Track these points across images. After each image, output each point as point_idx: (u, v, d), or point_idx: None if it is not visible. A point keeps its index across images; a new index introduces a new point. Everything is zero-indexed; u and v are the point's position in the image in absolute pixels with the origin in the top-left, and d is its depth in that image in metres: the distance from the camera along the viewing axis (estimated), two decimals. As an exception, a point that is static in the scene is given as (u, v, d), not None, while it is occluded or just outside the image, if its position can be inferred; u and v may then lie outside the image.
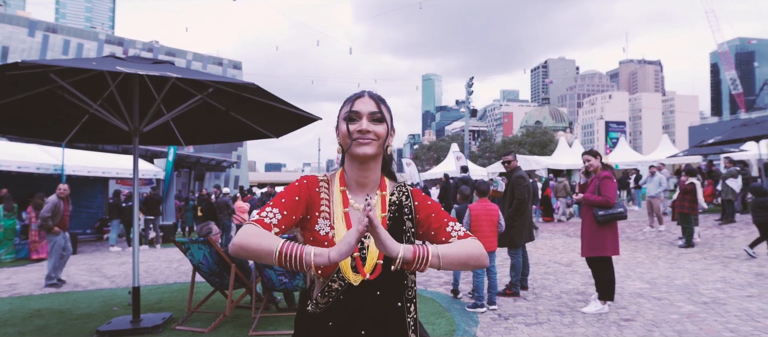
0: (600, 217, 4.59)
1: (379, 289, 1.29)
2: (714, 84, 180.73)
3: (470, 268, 1.30)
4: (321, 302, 1.31)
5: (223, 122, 5.67)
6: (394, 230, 1.34)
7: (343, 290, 1.28)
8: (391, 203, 1.38)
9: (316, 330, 1.33)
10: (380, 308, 1.29)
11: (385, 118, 1.34)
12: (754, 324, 4.12)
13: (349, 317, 1.29)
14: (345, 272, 1.26)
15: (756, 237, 7.44)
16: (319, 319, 1.32)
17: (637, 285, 5.82)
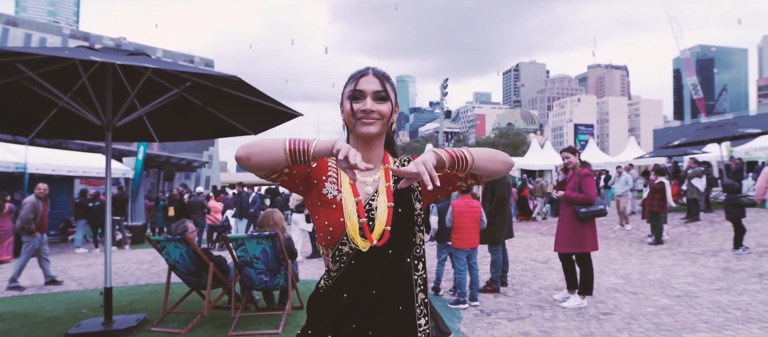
0: (582, 214, 4.67)
1: (390, 248, 1.29)
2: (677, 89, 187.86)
3: (499, 164, 1.32)
4: (333, 270, 1.31)
5: (199, 118, 5.51)
6: (401, 194, 1.35)
7: (353, 253, 1.28)
8: (393, 174, 1.38)
9: (330, 306, 1.32)
10: (389, 266, 1.29)
11: (389, 97, 1.34)
12: (725, 315, 4.26)
13: (360, 281, 1.29)
14: (353, 238, 1.26)
15: (733, 236, 7.64)
16: (332, 293, 1.32)
17: (613, 281, 5.96)
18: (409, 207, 1.35)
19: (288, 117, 5.23)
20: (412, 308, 1.31)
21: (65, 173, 12.65)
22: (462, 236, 4.99)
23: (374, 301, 1.29)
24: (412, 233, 1.33)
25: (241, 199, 12.46)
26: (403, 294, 1.31)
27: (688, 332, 3.82)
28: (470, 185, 1.40)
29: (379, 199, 1.32)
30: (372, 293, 1.28)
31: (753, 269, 6.26)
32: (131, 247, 12.03)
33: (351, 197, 1.31)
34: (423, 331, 1.31)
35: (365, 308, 1.28)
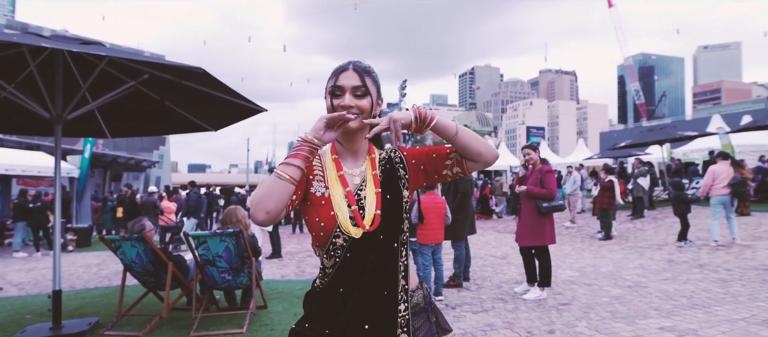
0: (544, 208, 4.83)
1: (381, 233, 1.31)
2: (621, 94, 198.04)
3: (483, 145, 1.36)
4: (328, 267, 1.32)
5: (156, 113, 5.29)
6: (387, 179, 1.37)
7: (347, 245, 1.29)
8: (380, 160, 1.42)
9: (326, 302, 1.33)
10: (381, 252, 1.31)
11: (368, 92, 1.34)
12: (672, 302, 4.54)
13: (355, 273, 1.29)
14: (345, 227, 1.28)
15: (679, 230, 8.20)
16: (328, 290, 1.33)
17: (569, 274, 6.21)
18: (397, 194, 1.37)
19: (251, 112, 5.10)
20: (395, 293, 1.32)
21: (2, 171, 11.81)
22: (428, 232, 5.05)
23: (368, 289, 1.29)
24: (401, 219, 1.35)
25: (188, 198, 12.08)
26: (388, 280, 1.32)
27: (640, 319, 4.04)
28: (456, 174, 1.42)
29: (367, 187, 1.35)
30: (368, 280, 1.29)
31: (694, 260, 6.70)
32: (76, 250, 11.37)
33: (339, 188, 1.33)
34: (402, 317, 1.33)
35: (360, 298, 1.29)
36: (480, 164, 1.39)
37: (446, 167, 1.40)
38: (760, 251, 6.86)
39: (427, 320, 1.43)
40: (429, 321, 1.43)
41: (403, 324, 1.33)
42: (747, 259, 6.45)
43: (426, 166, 1.41)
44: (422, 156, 1.43)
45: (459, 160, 1.38)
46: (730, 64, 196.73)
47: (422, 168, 1.41)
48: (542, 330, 3.87)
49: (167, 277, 4.41)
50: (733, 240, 7.63)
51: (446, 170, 1.40)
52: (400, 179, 1.39)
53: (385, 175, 1.39)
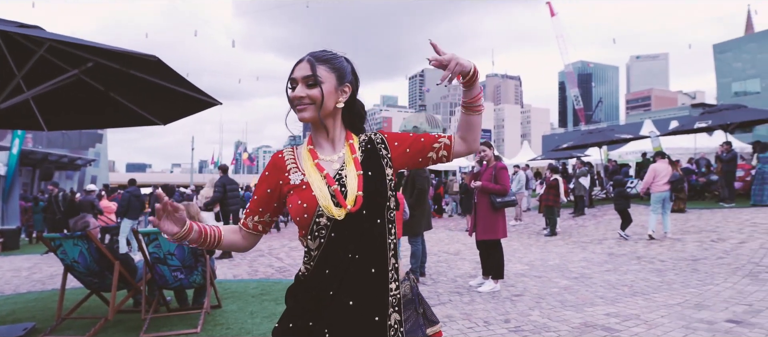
0: (498, 203, 5.00)
1: (364, 209, 1.31)
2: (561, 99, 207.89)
3: (478, 133, 1.44)
4: (313, 249, 1.31)
5: (98, 105, 4.98)
6: (370, 160, 1.39)
7: (331, 225, 1.29)
8: (361, 143, 1.43)
9: (312, 290, 1.32)
10: (365, 228, 1.31)
11: (318, 82, 1.34)
12: (615, 291, 4.83)
13: (340, 253, 1.29)
14: (327, 207, 1.28)
15: (620, 223, 8.79)
16: (314, 274, 1.32)
17: (519, 267, 6.45)
18: (380, 171, 1.38)
19: (205, 105, 4.92)
20: (385, 271, 1.32)
21: None
22: (385, 227, 5.08)
23: (355, 268, 1.29)
24: (385, 196, 1.35)
25: (122, 197, 11.50)
26: (376, 257, 1.32)
27: (588, 307, 4.27)
28: (441, 158, 1.44)
29: (347, 169, 1.35)
30: (356, 258, 1.29)
31: (632, 253, 7.16)
32: (3, 253, 10.52)
33: (316, 173, 1.35)
34: (393, 295, 1.33)
35: (347, 278, 1.29)
36: (466, 152, 1.43)
37: (433, 150, 1.42)
38: (688, 243, 7.43)
39: (415, 312, 1.44)
40: (416, 313, 1.44)
41: (394, 303, 1.33)
42: (678, 251, 6.96)
43: (411, 149, 1.43)
44: (407, 139, 1.45)
45: (448, 145, 1.41)
46: (659, 74, 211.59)
47: (407, 151, 1.43)
48: (498, 320, 4.00)
49: (113, 277, 4.18)
50: (665, 234, 8.21)
51: (432, 152, 1.42)
52: (383, 158, 1.40)
53: (366, 154, 1.40)
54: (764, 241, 6.83)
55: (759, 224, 8.23)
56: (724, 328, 3.49)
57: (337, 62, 1.41)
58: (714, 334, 3.37)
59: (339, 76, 1.39)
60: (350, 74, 1.43)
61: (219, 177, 9.34)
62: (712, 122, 13.95)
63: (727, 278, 5.10)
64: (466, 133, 1.42)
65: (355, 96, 1.46)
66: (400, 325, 1.34)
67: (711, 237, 7.67)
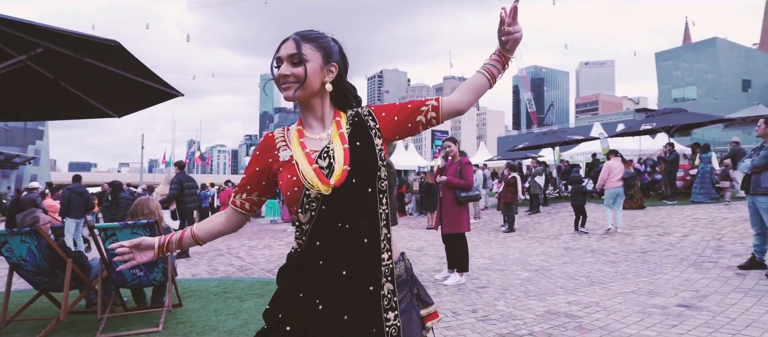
0: (462, 198, 5.09)
1: (353, 177, 1.31)
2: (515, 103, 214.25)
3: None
4: (304, 222, 1.32)
5: (46, 95, 4.68)
6: (358, 132, 1.39)
7: (322, 198, 1.29)
8: (348, 118, 1.44)
9: (304, 265, 1.32)
10: (355, 196, 1.31)
11: (303, 60, 1.35)
12: (574, 281, 5.04)
13: (332, 224, 1.30)
14: (313, 182, 1.29)
15: (575, 219, 9.23)
16: (307, 248, 1.32)
17: (482, 261, 6.60)
18: (368, 141, 1.38)
19: (165, 97, 4.71)
20: (377, 241, 1.32)
21: None
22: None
23: (347, 238, 1.29)
24: (375, 165, 1.36)
25: (62, 195, 10.90)
26: (368, 227, 1.32)
27: (550, 296, 4.43)
28: (431, 120, 1.44)
29: (334, 143, 1.36)
30: (346, 227, 1.30)
31: (586, 246, 7.48)
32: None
33: (300, 150, 1.36)
34: (386, 265, 1.33)
35: (340, 248, 1.29)
36: (455, 112, 1.45)
37: (421, 113, 1.42)
38: (637, 237, 7.85)
39: (410, 292, 1.43)
40: (411, 293, 1.44)
41: (387, 273, 1.33)
42: (628, 244, 7.34)
43: (399, 116, 1.43)
44: (394, 107, 1.45)
45: (436, 106, 1.42)
46: (606, 80, 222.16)
47: (395, 118, 1.43)
48: (466, 310, 4.08)
49: (65, 276, 3.94)
50: (616, 228, 8.64)
51: (421, 116, 1.42)
52: (371, 129, 1.41)
53: (353, 127, 1.41)
54: (705, 234, 7.31)
55: (699, 219, 8.81)
56: (675, 312, 3.71)
57: (324, 41, 1.41)
58: (667, 317, 3.58)
59: (325, 55, 1.39)
60: (337, 54, 1.44)
61: (175, 174, 9.00)
62: (657, 125, 14.81)
63: (674, 268, 5.43)
64: (467, 94, 1.44)
65: (344, 76, 1.47)
66: (393, 295, 1.34)
67: (657, 231, 8.13)
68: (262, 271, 6.71)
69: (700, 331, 3.24)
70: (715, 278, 4.81)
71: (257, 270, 6.79)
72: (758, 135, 4.97)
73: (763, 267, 4.91)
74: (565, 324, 3.54)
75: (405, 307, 1.39)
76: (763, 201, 4.78)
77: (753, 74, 52.47)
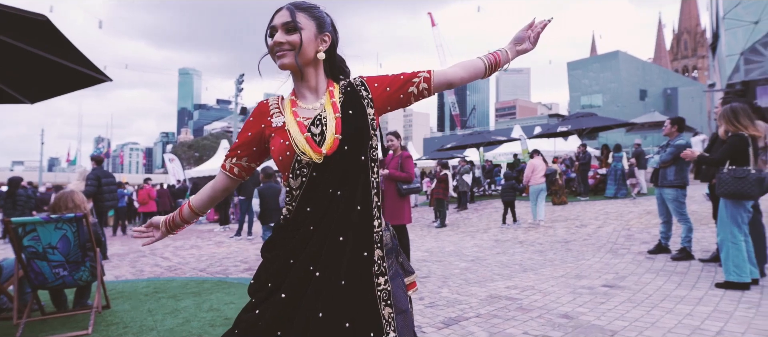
0: (404, 190, 5.20)
1: (345, 145, 1.34)
2: (440, 105, 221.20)
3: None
4: (295, 188, 1.35)
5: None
6: (350, 101, 1.41)
7: (313, 165, 1.32)
8: (341, 87, 1.46)
9: (295, 229, 1.33)
10: (347, 163, 1.34)
11: (299, 27, 1.37)
12: (509, 269, 5.35)
13: (323, 191, 1.32)
14: (305, 150, 1.31)
15: (503, 214, 9.85)
16: (297, 213, 1.34)
17: (420, 254, 6.78)
18: (361, 110, 1.41)
19: (92, 81, 4.34)
20: (369, 208, 1.36)
21: None
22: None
23: (340, 205, 1.32)
24: (367, 133, 1.38)
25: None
26: (361, 195, 1.35)
27: (489, 282, 4.67)
28: (422, 91, 1.46)
29: (326, 113, 1.38)
30: (337, 194, 1.32)
31: (515, 239, 7.95)
32: None
33: (292, 119, 1.37)
34: (376, 233, 1.37)
35: (329, 212, 1.31)
36: (447, 85, 1.50)
37: (413, 84, 1.45)
38: (559, 229, 8.46)
39: (396, 260, 1.47)
40: (397, 262, 1.48)
41: (377, 240, 1.36)
42: (551, 235, 7.90)
43: (391, 87, 1.46)
44: (387, 78, 1.48)
45: (427, 77, 1.45)
46: (523, 86, 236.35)
47: (387, 89, 1.45)
48: (413, 298, 4.17)
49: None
50: (539, 221, 9.26)
51: (413, 87, 1.45)
52: (363, 98, 1.43)
53: (346, 97, 1.42)
54: (616, 226, 8.06)
55: (610, 212, 9.69)
56: (601, 291, 4.08)
57: (316, 12, 1.43)
58: (595, 296, 3.92)
59: (318, 25, 1.41)
60: (330, 25, 1.46)
61: (92, 168, 8.29)
62: (572, 127, 16.09)
63: (594, 254, 5.94)
64: (461, 71, 1.49)
65: (335, 49, 1.48)
66: (383, 261, 1.38)
67: (575, 224, 8.83)
68: (193, 270, 6.39)
69: (625, 306, 3.59)
70: (629, 262, 5.33)
71: (189, 270, 6.46)
72: (665, 134, 5.58)
73: (669, 251, 5.52)
74: (507, 306, 3.75)
75: (392, 274, 1.43)
76: (669, 193, 5.38)
77: (648, 85, 58.60)
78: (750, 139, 3.96)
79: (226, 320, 3.80)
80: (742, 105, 4.11)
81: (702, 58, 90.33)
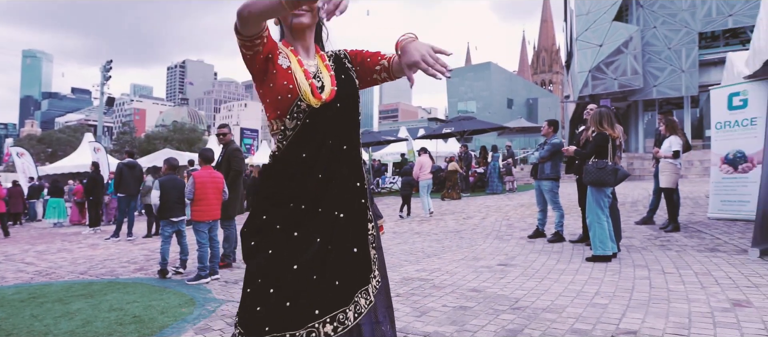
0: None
1: (338, 102, 1.50)
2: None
3: None
4: (289, 128, 1.46)
5: None
6: (339, 68, 1.59)
7: (309, 111, 1.45)
8: (329, 56, 1.62)
9: (289, 166, 1.45)
10: (340, 119, 1.51)
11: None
12: (414, 256, 5.71)
13: (316, 139, 1.46)
14: (306, 95, 1.44)
15: (400, 206, 10.49)
16: (290, 154, 1.45)
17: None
18: (350, 79, 1.59)
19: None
20: (358, 155, 1.56)
21: None
22: (204, 207, 4.79)
23: (333, 152, 1.48)
24: (357, 98, 1.58)
25: None
26: (355, 147, 1.54)
27: (400, 267, 4.96)
28: (384, 79, 1.62)
29: (322, 71, 1.55)
30: (329, 142, 1.47)
31: (411, 230, 8.43)
32: None
33: (298, 66, 1.50)
34: (365, 174, 1.59)
35: (328, 160, 1.47)
36: (402, 75, 1.65)
37: (376, 72, 1.61)
38: (449, 221, 9.17)
39: (373, 207, 1.65)
40: (372, 209, 1.65)
41: (365, 178, 1.57)
42: (443, 226, 8.54)
43: (360, 67, 1.63)
44: (358, 56, 1.64)
45: (387, 67, 1.60)
46: (405, 90, 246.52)
47: (358, 68, 1.63)
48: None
49: None
50: (430, 213, 9.94)
51: (376, 74, 1.62)
52: (350, 69, 1.61)
53: (335, 63, 1.60)
54: (497, 217, 8.99)
55: (490, 206, 10.74)
56: (498, 269, 4.61)
57: None
58: (494, 273, 4.42)
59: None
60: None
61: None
62: (455, 129, 17.42)
63: (484, 240, 6.60)
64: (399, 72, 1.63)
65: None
66: (368, 208, 1.57)
67: (462, 216, 9.64)
68: (71, 274, 5.74)
69: (520, 279, 4.12)
70: (515, 245, 6.04)
71: (65, 274, 5.78)
72: (542, 134, 6.43)
73: (545, 235, 6.36)
74: (421, 285, 4.06)
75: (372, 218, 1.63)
76: (546, 184, 6.21)
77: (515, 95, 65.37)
78: (610, 139, 4.80)
79: (135, 317, 3.54)
80: (608, 110, 4.96)
81: (557, 73, 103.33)
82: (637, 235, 6.12)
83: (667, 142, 6.35)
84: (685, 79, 20.31)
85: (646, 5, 21.26)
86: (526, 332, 2.77)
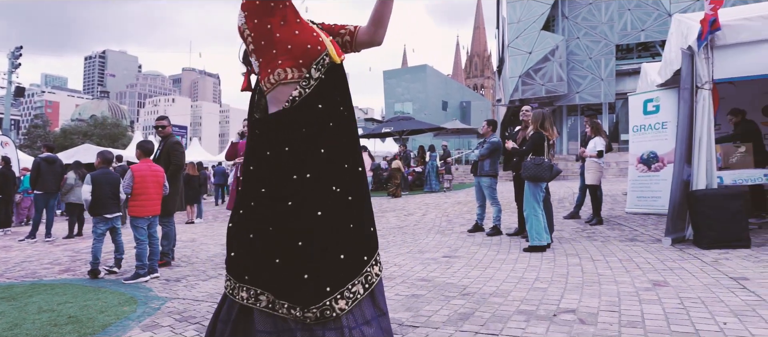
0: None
1: None
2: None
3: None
4: (314, 78, 1.76)
5: None
6: None
7: (329, 66, 1.77)
8: (318, 25, 1.91)
9: (303, 122, 1.77)
10: (345, 80, 1.82)
11: None
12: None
13: (332, 95, 1.83)
14: (331, 52, 1.77)
15: None
16: (312, 101, 1.77)
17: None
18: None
19: None
20: (353, 113, 1.84)
21: None
22: (144, 202, 4.56)
23: (340, 113, 1.76)
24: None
25: None
26: (347, 106, 1.81)
27: (348, 262, 5.00)
28: (345, 45, 1.86)
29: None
30: (337, 99, 1.74)
31: (354, 227, 8.48)
32: None
33: (321, 29, 1.84)
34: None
35: (338, 118, 1.74)
36: (369, 42, 1.84)
37: (340, 35, 1.85)
38: (390, 219, 9.33)
39: None
40: None
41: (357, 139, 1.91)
42: (386, 223, 8.68)
43: (326, 31, 1.88)
44: (327, 25, 1.91)
45: (352, 31, 1.84)
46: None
47: (332, 28, 1.92)
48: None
49: None
50: (372, 213, 10.05)
51: (339, 38, 1.85)
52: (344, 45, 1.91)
53: None
54: (437, 213, 9.29)
55: (429, 204, 11.06)
56: (443, 260, 4.80)
57: None
58: (440, 264, 4.60)
59: None
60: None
61: None
62: (394, 128, 17.69)
63: (427, 235, 6.81)
64: (376, 27, 1.80)
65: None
66: None
67: (403, 213, 9.85)
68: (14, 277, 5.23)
69: (465, 269, 4.32)
70: (456, 239, 6.29)
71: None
72: (482, 133, 6.74)
73: (483, 230, 6.68)
74: (372, 278, 4.14)
75: None
76: (485, 180, 6.53)
77: (449, 97, 67.34)
78: (546, 138, 5.16)
79: (71, 317, 3.32)
80: (547, 112, 5.32)
81: (488, 78, 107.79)
82: (566, 228, 6.60)
83: (592, 143, 6.91)
84: (604, 87, 22.03)
85: (570, 17, 22.81)
86: (477, 314, 2.94)
